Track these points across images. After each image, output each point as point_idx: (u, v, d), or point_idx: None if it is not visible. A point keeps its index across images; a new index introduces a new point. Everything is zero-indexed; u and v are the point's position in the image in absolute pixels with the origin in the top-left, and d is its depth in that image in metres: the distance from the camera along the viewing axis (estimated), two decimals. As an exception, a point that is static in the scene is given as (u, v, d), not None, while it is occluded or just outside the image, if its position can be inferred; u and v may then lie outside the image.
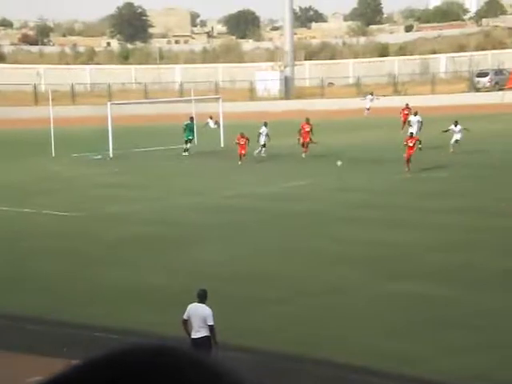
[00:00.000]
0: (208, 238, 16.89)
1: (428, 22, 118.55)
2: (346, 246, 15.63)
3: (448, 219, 17.71)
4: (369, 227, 17.33)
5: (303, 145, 30.12)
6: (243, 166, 28.27)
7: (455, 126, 28.61)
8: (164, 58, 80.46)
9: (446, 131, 29.05)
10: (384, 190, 22.03)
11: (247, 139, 28.51)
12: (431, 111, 48.17)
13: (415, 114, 31.80)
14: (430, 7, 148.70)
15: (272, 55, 72.97)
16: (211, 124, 41.85)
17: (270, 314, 11.68)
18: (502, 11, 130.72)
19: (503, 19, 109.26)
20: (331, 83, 65.67)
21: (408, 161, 24.36)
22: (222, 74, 71.47)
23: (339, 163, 20.19)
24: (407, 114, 36.45)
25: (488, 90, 55.60)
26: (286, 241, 16.45)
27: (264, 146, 30.31)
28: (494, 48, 70.50)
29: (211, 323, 8.98)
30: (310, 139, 30.29)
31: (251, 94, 62.61)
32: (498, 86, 55.30)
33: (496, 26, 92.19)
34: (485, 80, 56.59)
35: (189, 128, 33.47)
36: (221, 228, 17.95)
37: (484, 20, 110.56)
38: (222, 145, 33.67)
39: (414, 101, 53.33)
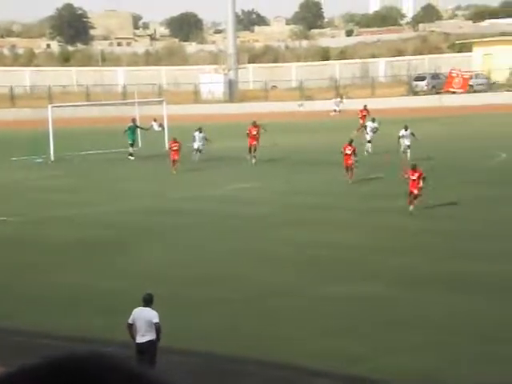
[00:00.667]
0: (155, 241, 16.79)
1: (368, 26, 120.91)
2: (293, 249, 15.79)
3: (393, 221, 18.11)
4: (315, 230, 17.54)
5: (250, 149, 29.63)
6: (190, 169, 28.23)
7: (405, 130, 28.06)
8: (106, 60, 79.49)
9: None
10: (330, 193, 22.33)
11: (180, 144, 28.02)
12: (372, 114, 49.19)
13: (373, 121, 31.79)
14: (370, 12, 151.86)
15: (216, 58, 73.12)
16: (155, 127, 41.60)
17: (218, 315, 11.73)
18: (437, 16, 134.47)
19: (439, 24, 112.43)
20: (274, 86, 66.25)
21: (348, 169, 23.64)
22: (165, 76, 71.17)
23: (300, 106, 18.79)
24: (365, 116, 36.79)
25: (426, 93, 57.17)
26: (234, 243, 16.52)
27: (198, 150, 29.95)
28: (431, 53, 72.51)
29: (157, 321, 8.99)
30: (257, 139, 29.61)
31: (195, 97, 62.60)
32: (435, 90, 56.92)
33: (432, 31, 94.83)
34: (422, 84, 58.15)
35: (131, 130, 33.31)
36: (168, 231, 17.88)
37: (421, 25, 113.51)
38: (167, 147, 33.61)
39: (355, 104, 54.42)
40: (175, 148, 27.96)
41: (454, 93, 55.06)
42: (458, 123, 41.97)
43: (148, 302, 9.33)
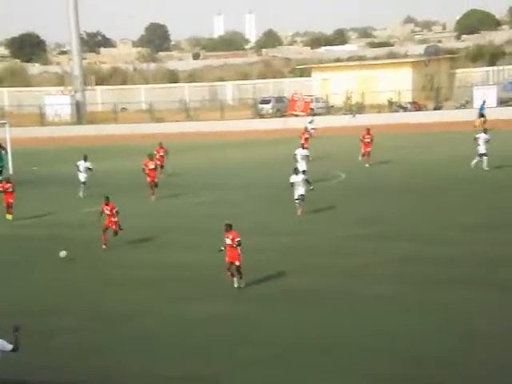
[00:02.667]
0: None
1: (214, 50, 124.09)
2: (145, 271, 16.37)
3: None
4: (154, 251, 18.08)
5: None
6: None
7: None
8: None
9: None
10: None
11: (13, 185, 22.42)
12: (221, 136, 50.81)
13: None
14: (215, 36, 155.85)
15: (61, 80, 71.70)
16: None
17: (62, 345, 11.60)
18: (278, 42, 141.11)
19: (280, 50, 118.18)
20: (124, 108, 66.24)
21: (152, 185, 24.85)
22: (7, 98, 68.76)
23: (62, 254, 16.59)
24: (307, 139, 33.92)
25: (271, 116, 60.05)
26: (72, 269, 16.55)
27: (84, 183, 26.18)
28: (274, 77, 76.26)
29: None
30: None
31: (41, 119, 61.07)
32: (280, 113, 59.93)
33: (274, 56, 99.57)
34: (268, 107, 61.02)
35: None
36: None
37: (263, 50, 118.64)
38: (11, 171, 32.80)
39: (205, 127, 55.93)
40: (9, 190, 22.25)
41: (297, 116, 58.28)
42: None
43: None
